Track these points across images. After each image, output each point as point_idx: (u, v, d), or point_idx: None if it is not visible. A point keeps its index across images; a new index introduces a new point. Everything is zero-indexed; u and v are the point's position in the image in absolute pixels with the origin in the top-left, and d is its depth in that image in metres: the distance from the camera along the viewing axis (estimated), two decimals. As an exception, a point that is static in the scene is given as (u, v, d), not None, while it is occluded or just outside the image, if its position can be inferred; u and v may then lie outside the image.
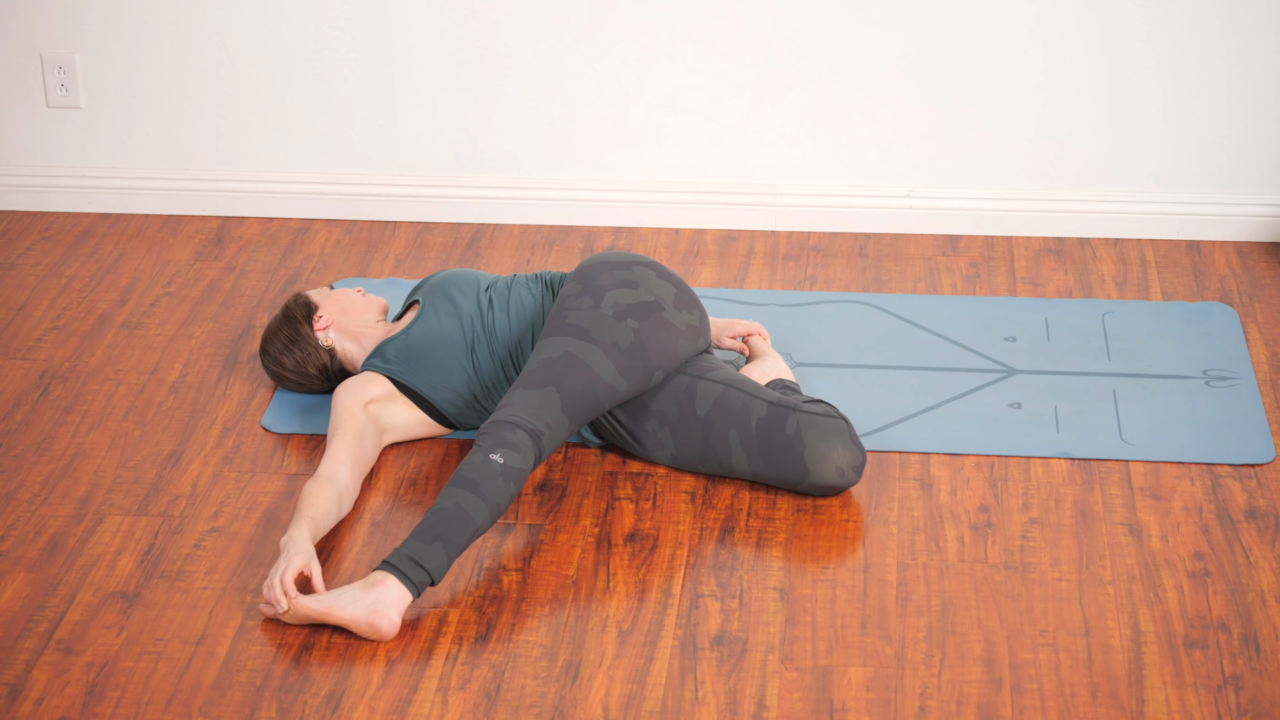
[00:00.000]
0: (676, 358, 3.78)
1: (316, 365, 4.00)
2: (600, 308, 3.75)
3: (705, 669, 3.30)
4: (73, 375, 4.21)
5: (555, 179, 4.84)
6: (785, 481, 3.70)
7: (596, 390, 3.68)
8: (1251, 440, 3.88)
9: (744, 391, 3.73)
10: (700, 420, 3.74)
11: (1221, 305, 4.40)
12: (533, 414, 3.60)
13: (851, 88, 4.68)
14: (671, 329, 3.78)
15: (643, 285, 3.81)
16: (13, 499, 3.78)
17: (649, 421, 3.78)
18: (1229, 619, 3.39)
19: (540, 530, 3.66)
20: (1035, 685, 3.25)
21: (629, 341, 3.72)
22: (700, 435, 3.74)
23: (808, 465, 3.66)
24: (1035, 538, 3.61)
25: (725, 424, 3.72)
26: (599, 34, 4.69)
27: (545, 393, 3.64)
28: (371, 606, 3.36)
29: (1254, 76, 4.59)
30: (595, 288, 3.79)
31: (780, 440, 3.68)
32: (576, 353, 3.69)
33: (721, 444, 3.72)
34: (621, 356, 3.71)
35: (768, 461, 3.69)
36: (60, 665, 3.33)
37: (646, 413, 3.78)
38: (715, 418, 3.73)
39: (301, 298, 4.03)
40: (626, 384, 3.71)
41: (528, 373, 3.68)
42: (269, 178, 4.91)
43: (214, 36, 4.79)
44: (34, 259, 4.73)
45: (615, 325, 3.73)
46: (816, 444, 3.66)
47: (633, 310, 3.76)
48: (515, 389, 3.65)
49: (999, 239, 4.74)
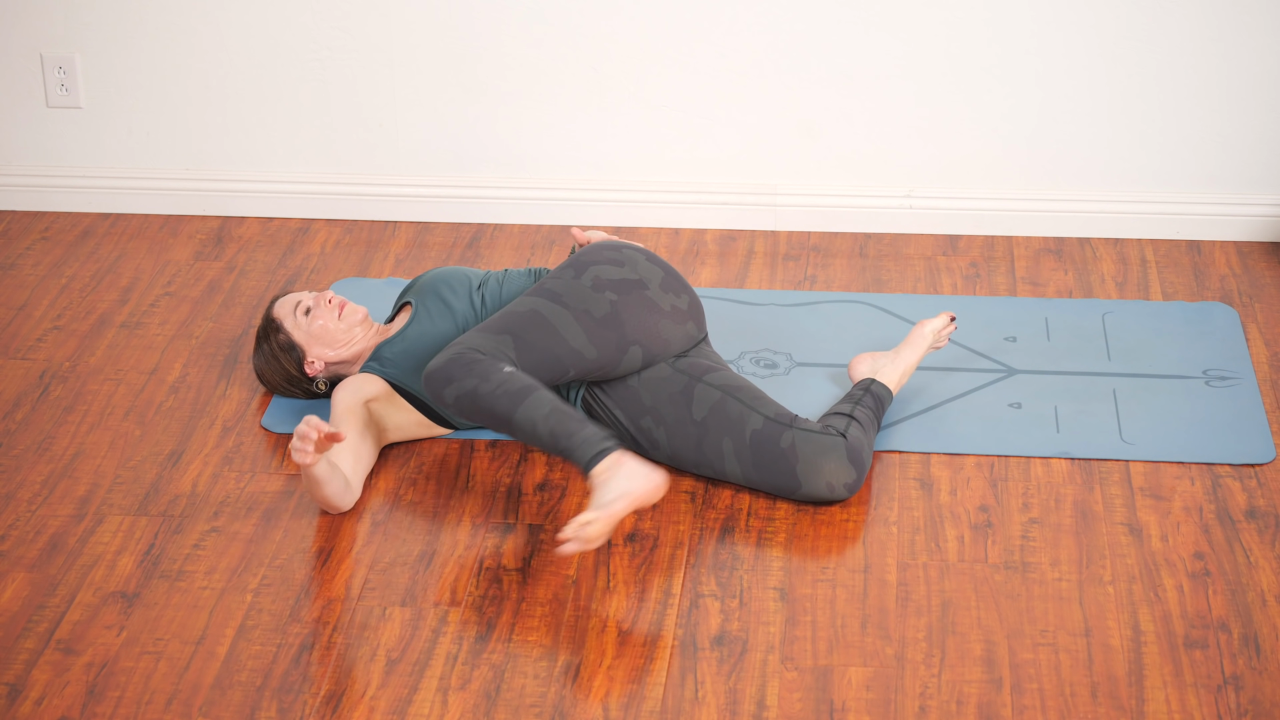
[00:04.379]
0: (660, 338, 3.78)
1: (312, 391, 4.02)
2: (580, 279, 3.78)
3: (705, 669, 3.30)
4: (73, 375, 4.21)
5: (555, 179, 4.84)
6: (778, 490, 3.70)
7: (559, 351, 3.68)
8: (1251, 440, 3.88)
9: (741, 402, 3.73)
10: (696, 424, 3.74)
11: (1221, 305, 4.40)
12: (492, 349, 3.63)
13: (851, 88, 4.68)
14: (654, 307, 3.78)
15: (629, 265, 3.83)
16: (13, 499, 3.78)
17: (645, 419, 3.78)
18: (1229, 619, 3.39)
19: (540, 530, 3.66)
20: (1035, 685, 3.25)
21: (604, 312, 3.73)
22: (695, 439, 3.74)
23: (799, 478, 3.67)
24: (1035, 537, 3.61)
25: (720, 431, 3.72)
26: (599, 34, 4.69)
27: (500, 339, 3.66)
28: (639, 475, 3.43)
29: (1253, 76, 4.59)
30: (580, 263, 3.83)
31: (774, 453, 3.68)
32: (543, 311, 3.71)
33: (715, 451, 3.72)
34: (594, 325, 3.71)
35: (760, 471, 3.69)
36: (60, 665, 3.33)
37: (642, 409, 3.78)
38: (710, 424, 3.73)
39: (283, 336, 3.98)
40: (596, 352, 3.71)
41: (488, 322, 3.70)
42: (269, 177, 4.91)
43: (214, 36, 4.79)
44: (34, 259, 4.73)
45: (592, 295, 3.75)
46: (810, 458, 3.67)
47: (613, 285, 3.77)
48: (471, 331, 3.68)
49: (999, 239, 4.73)
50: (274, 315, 4.00)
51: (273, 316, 4.00)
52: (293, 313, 3.98)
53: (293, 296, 4.02)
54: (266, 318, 4.01)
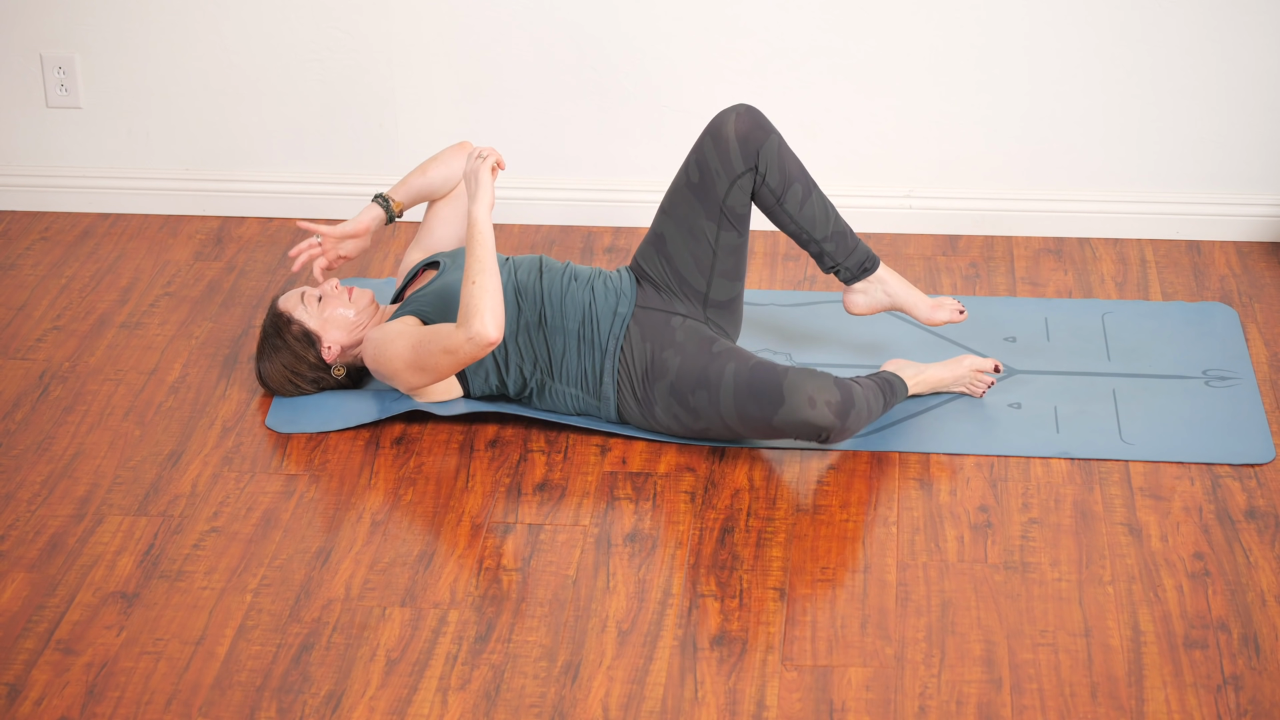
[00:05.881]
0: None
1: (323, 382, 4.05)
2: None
3: (705, 669, 3.30)
4: (73, 375, 4.21)
5: (555, 179, 4.84)
6: (761, 419, 3.75)
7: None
8: (1251, 440, 3.88)
9: (758, 355, 3.95)
10: (710, 355, 3.84)
11: (1221, 305, 4.40)
12: None
13: (851, 88, 4.68)
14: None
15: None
16: (13, 499, 3.78)
17: (668, 350, 3.86)
18: (1229, 619, 3.39)
19: (540, 530, 3.66)
20: (1035, 685, 3.25)
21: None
22: (703, 364, 3.81)
23: (784, 393, 3.72)
24: (1035, 538, 3.61)
25: (728, 358, 3.81)
26: (600, 35, 4.69)
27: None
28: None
29: (1253, 76, 4.59)
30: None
31: (769, 376, 3.76)
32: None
33: (717, 373, 3.79)
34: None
35: (752, 396, 3.75)
36: (60, 665, 3.33)
37: (671, 343, 3.88)
38: (722, 354, 3.83)
39: (296, 326, 4.00)
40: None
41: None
42: (269, 178, 4.91)
43: (214, 37, 4.79)
44: (34, 259, 4.73)
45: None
46: (798, 377, 3.73)
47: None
48: None
49: (999, 239, 4.73)
50: (281, 310, 4.01)
51: (280, 311, 4.01)
52: (301, 303, 4.01)
53: (295, 290, 4.04)
54: (273, 314, 4.01)
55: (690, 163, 3.93)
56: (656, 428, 3.89)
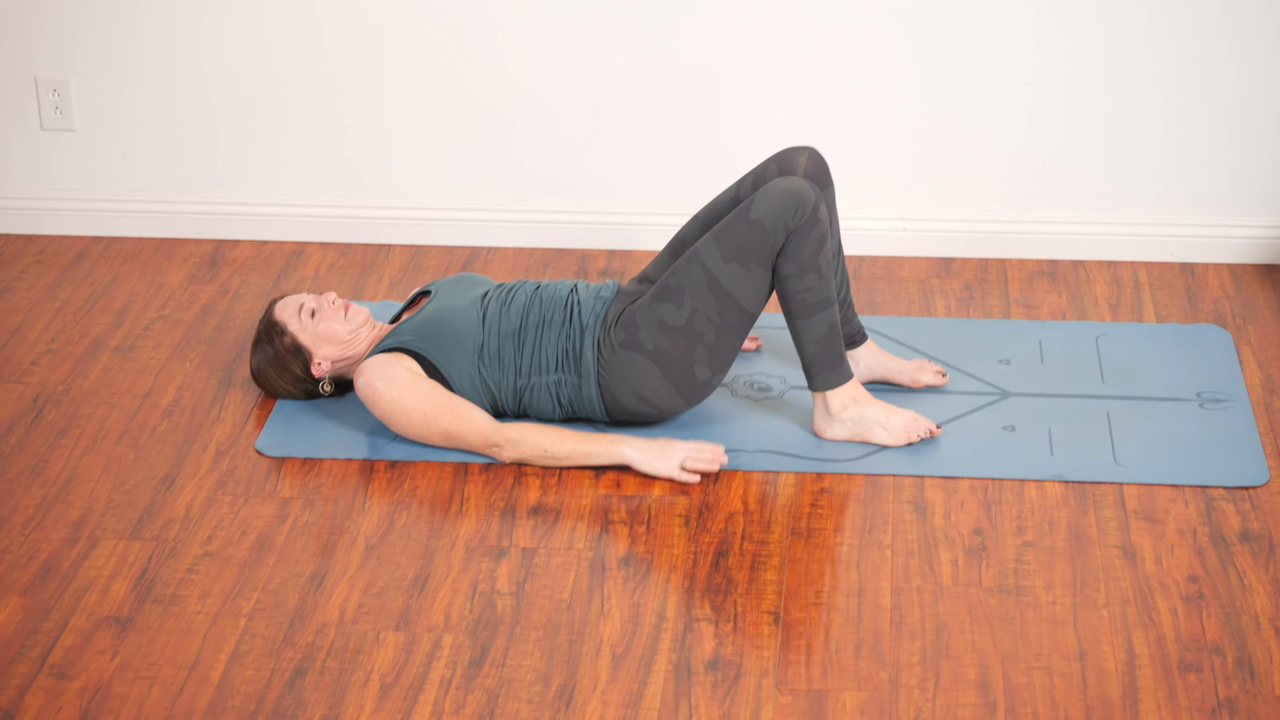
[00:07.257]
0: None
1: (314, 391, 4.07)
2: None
3: (699, 693, 3.30)
4: (66, 399, 4.21)
5: (550, 202, 4.85)
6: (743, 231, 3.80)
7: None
8: (1245, 463, 3.88)
9: None
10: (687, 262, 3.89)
11: (1215, 327, 4.40)
12: None
13: (845, 110, 4.69)
14: None
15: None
16: (6, 523, 3.78)
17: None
18: (1223, 642, 3.39)
19: (534, 554, 3.66)
20: (1029, 709, 3.25)
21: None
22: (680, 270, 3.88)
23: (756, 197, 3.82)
24: (1029, 561, 3.61)
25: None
26: (594, 57, 4.69)
27: None
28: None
29: (1247, 99, 4.60)
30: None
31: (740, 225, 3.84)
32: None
33: (694, 255, 3.85)
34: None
35: (727, 233, 3.82)
36: (53, 690, 3.33)
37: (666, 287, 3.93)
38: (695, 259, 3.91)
39: (289, 338, 4.02)
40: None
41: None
42: (263, 201, 4.91)
43: (208, 60, 4.79)
44: (28, 282, 4.73)
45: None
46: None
47: None
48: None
49: (993, 261, 4.74)
50: (276, 318, 4.02)
51: (275, 319, 4.01)
52: (297, 315, 4.01)
53: (294, 298, 4.04)
54: (268, 320, 4.02)
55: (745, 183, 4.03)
56: (640, 380, 3.87)
